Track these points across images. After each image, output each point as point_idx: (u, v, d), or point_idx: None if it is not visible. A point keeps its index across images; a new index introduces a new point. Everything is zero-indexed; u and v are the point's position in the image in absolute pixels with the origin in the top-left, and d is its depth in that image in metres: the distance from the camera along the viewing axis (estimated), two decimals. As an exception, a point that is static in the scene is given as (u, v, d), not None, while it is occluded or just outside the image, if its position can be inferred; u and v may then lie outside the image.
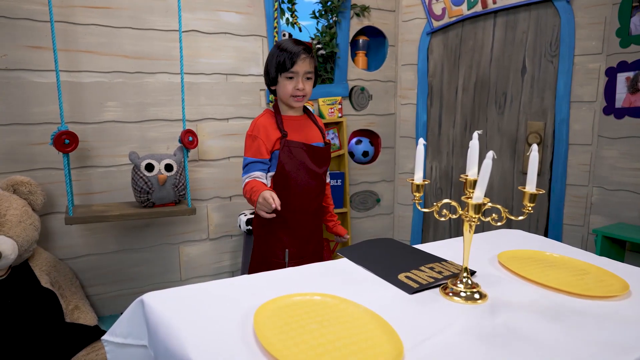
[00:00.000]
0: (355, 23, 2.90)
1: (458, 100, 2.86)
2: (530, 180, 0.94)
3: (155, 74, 2.36)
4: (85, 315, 2.09)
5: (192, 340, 0.80)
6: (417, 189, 1.00)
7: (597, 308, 0.97)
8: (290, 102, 1.62)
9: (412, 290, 1.03)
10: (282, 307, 0.91)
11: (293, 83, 1.58)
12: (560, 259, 1.25)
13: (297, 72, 1.57)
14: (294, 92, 1.59)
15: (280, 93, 1.61)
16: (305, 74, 1.59)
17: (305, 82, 1.60)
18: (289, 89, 1.58)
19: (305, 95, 1.62)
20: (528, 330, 0.87)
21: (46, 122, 2.14)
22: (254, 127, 1.63)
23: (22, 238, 1.89)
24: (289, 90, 1.58)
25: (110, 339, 0.99)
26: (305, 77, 1.59)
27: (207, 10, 2.45)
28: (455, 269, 1.15)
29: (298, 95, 1.60)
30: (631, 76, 2.13)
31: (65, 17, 2.14)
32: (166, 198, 2.14)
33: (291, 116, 1.66)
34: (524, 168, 2.57)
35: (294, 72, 1.56)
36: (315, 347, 0.78)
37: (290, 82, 1.58)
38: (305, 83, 1.60)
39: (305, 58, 1.57)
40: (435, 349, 0.80)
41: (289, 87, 1.58)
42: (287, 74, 1.57)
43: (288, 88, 1.58)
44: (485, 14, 2.64)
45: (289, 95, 1.59)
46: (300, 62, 1.56)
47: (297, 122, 1.66)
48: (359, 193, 3.11)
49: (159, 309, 0.91)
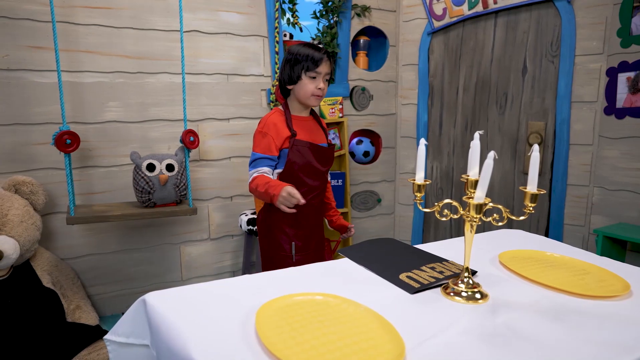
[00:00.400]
0: (356, 23, 2.90)
1: (459, 101, 2.86)
2: (531, 180, 0.94)
3: (157, 74, 2.37)
4: (86, 315, 2.09)
5: (194, 340, 0.80)
6: (419, 189, 1.00)
7: (597, 308, 0.97)
8: (309, 101, 1.67)
9: (414, 290, 1.03)
10: (283, 307, 0.92)
11: (315, 82, 1.64)
12: (560, 259, 1.26)
13: (320, 72, 1.63)
14: (315, 92, 1.65)
15: (300, 92, 1.66)
16: (326, 75, 1.66)
17: (325, 83, 1.67)
18: (311, 88, 1.64)
19: (323, 94, 1.68)
20: (529, 330, 0.87)
21: (48, 122, 2.15)
22: (264, 125, 1.67)
23: (24, 238, 1.90)
24: (311, 89, 1.64)
25: (113, 339, 1.00)
26: (325, 77, 1.66)
27: (208, 10, 2.45)
28: (456, 268, 1.16)
29: (318, 95, 1.66)
30: (632, 76, 2.13)
31: (66, 18, 2.15)
32: (167, 198, 2.14)
33: (300, 116, 1.71)
34: (524, 168, 2.57)
35: (318, 72, 1.63)
36: (317, 346, 0.78)
37: (313, 81, 1.64)
38: (325, 84, 1.67)
39: (327, 60, 1.65)
40: (436, 349, 0.80)
41: (311, 86, 1.64)
42: (312, 74, 1.63)
43: (310, 87, 1.64)
44: (486, 14, 2.64)
45: (309, 94, 1.65)
46: (323, 63, 1.63)
47: (305, 123, 1.72)
48: (360, 193, 3.11)
49: (161, 309, 0.91)
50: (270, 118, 1.67)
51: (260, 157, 1.64)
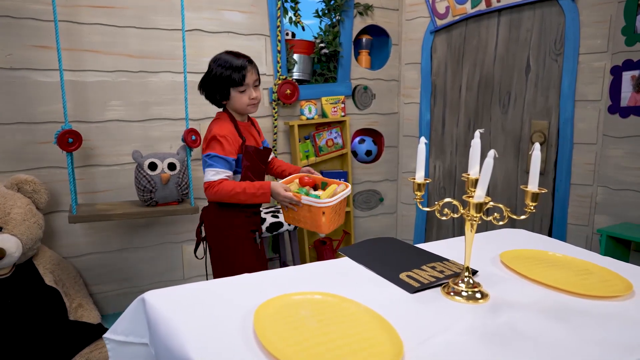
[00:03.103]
0: (358, 22, 2.89)
1: (462, 99, 2.85)
2: (532, 179, 0.93)
3: (159, 73, 2.37)
4: (88, 313, 2.10)
5: (192, 339, 0.80)
6: (419, 188, 1.00)
7: (600, 308, 0.96)
8: (247, 110, 1.69)
9: (413, 290, 1.03)
10: (282, 306, 0.91)
11: (247, 94, 1.64)
12: (563, 258, 1.25)
13: (247, 84, 1.63)
14: (250, 102, 1.66)
15: (235, 105, 1.67)
16: (254, 82, 1.66)
17: (256, 89, 1.67)
18: (245, 100, 1.65)
19: (259, 101, 1.70)
20: (530, 330, 0.86)
21: (51, 121, 2.15)
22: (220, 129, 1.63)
23: (26, 236, 1.90)
24: (245, 101, 1.65)
25: (112, 337, 1.00)
26: (254, 85, 1.66)
27: (211, 9, 2.45)
28: (457, 268, 1.15)
29: (254, 104, 1.68)
30: (637, 75, 2.11)
31: (69, 17, 2.15)
32: (169, 197, 2.14)
33: (242, 122, 1.73)
34: (527, 167, 2.56)
35: (246, 84, 1.62)
36: (316, 345, 0.77)
37: (243, 94, 1.64)
38: (256, 90, 1.67)
39: (251, 69, 1.63)
40: (436, 349, 0.80)
41: (244, 98, 1.64)
42: (240, 88, 1.62)
43: (244, 100, 1.64)
44: (489, 13, 2.63)
45: (245, 106, 1.66)
46: (248, 75, 1.62)
47: (246, 128, 1.74)
48: (362, 192, 3.10)
49: (160, 307, 0.91)
50: (223, 125, 1.65)
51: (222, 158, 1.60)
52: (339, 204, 1.59)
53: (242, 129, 1.71)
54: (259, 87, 1.70)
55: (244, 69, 1.61)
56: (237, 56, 1.64)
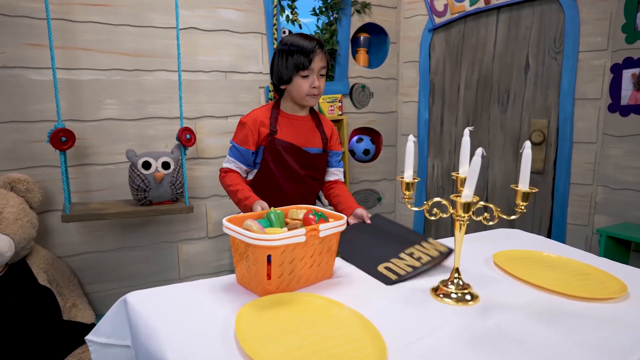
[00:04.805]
0: (356, 20, 2.86)
1: (460, 98, 2.82)
2: (523, 178, 0.91)
3: (154, 72, 2.35)
4: (82, 313, 2.08)
5: (171, 342, 0.78)
6: (408, 187, 0.97)
7: (593, 310, 0.94)
8: (305, 101, 1.54)
9: (391, 282, 1.02)
10: (265, 307, 0.89)
11: (309, 81, 1.49)
12: (557, 259, 1.22)
13: (312, 70, 1.48)
14: (310, 91, 1.51)
15: (294, 93, 1.53)
16: (320, 70, 1.50)
17: (320, 79, 1.52)
18: (305, 88, 1.50)
19: (320, 92, 1.54)
20: (520, 333, 0.84)
21: (45, 120, 2.14)
22: (248, 115, 1.58)
23: (19, 236, 1.89)
24: (305, 89, 1.50)
25: (94, 339, 0.98)
26: (319, 73, 1.51)
27: (206, 7, 2.43)
28: (434, 249, 1.15)
29: (314, 94, 1.52)
30: (637, 73, 2.07)
31: (63, 15, 2.14)
32: (163, 196, 2.13)
33: (293, 115, 1.59)
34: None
35: (310, 69, 1.47)
36: (296, 349, 0.75)
37: (306, 80, 1.49)
38: (320, 80, 1.52)
39: (320, 53, 1.48)
40: (421, 353, 0.77)
41: (305, 85, 1.49)
42: (303, 73, 1.48)
43: (304, 87, 1.49)
44: (488, 10, 2.60)
45: (304, 95, 1.51)
46: (316, 59, 1.47)
47: (298, 122, 1.59)
48: (360, 192, 3.08)
49: (141, 309, 0.89)
50: (255, 111, 1.58)
51: (234, 146, 1.55)
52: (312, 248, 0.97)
53: (287, 121, 1.55)
54: (324, 79, 1.53)
55: (312, 52, 1.44)
56: (309, 38, 1.48)
